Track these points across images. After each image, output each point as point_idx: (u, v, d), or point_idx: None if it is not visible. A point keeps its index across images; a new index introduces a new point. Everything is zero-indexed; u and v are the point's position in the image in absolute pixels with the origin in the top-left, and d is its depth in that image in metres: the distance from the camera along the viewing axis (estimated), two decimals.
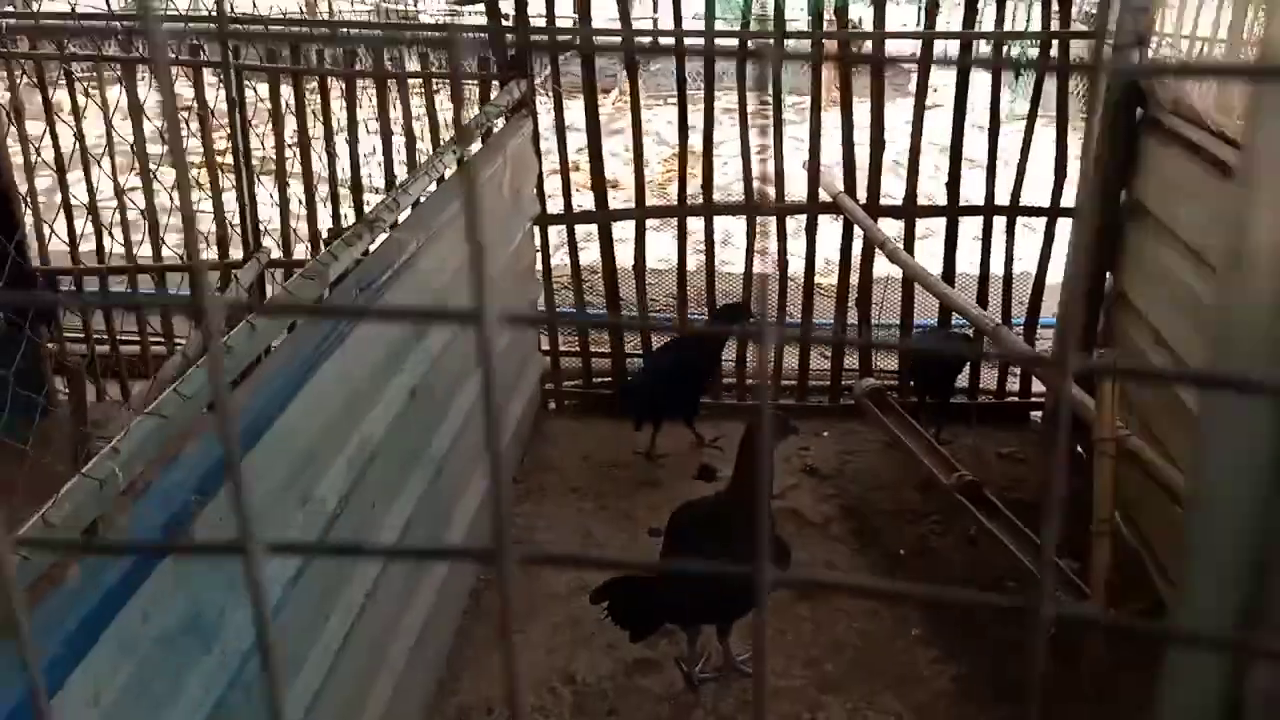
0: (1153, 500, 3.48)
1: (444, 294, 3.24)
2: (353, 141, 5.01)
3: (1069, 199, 4.43)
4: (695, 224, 4.81)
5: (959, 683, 3.31)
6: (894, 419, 4.16)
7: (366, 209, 5.14)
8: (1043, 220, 4.56)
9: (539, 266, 4.88)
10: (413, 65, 5.16)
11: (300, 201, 5.16)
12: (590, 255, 5.01)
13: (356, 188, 5.11)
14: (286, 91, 4.94)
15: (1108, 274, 4.25)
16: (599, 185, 4.76)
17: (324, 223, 5.17)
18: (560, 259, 5.05)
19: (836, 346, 4.89)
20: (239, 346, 1.86)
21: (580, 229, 4.88)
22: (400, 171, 5.04)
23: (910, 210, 4.59)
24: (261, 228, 4.92)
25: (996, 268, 4.69)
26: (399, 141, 4.94)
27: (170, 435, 1.62)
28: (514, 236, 4.42)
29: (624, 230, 4.84)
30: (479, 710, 3.22)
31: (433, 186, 3.44)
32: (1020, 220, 4.59)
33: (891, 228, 4.51)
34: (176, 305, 5.72)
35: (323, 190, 5.25)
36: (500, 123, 4.39)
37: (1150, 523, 3.63)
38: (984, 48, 4.58)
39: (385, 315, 1.72)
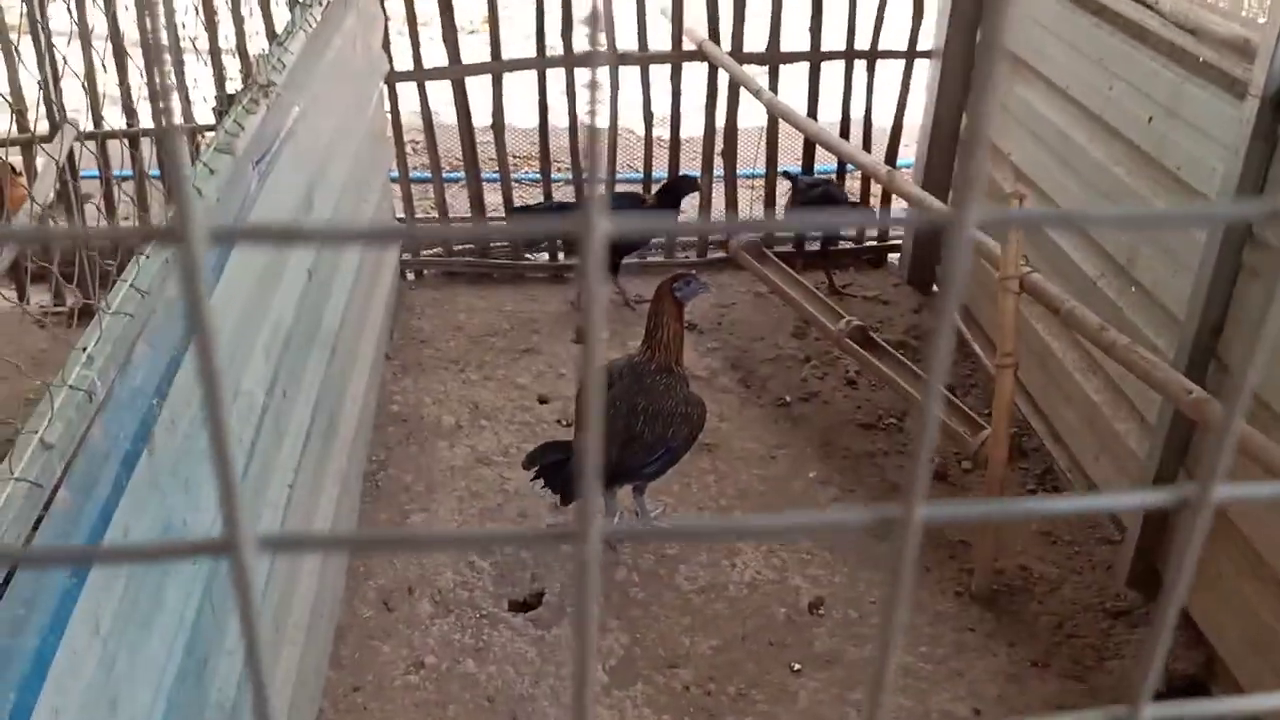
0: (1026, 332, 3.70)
1: (325, 162, 3.00)
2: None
3: (926, 42, 4.49)
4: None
5: None
6: (771, 269, 4.22)
7: (191, 71, 4.66)
8: (901, 63, 4.61)
9: (389, 128, 4.60)
10: None
11: (104, 67, 4.60)
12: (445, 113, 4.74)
13: (175, 46, 4.59)
14: None
15: (964, 114, 4.38)
16: (451, 38, 4.47)
17: (136, 87, 4.64)
18: (409, 118, 4.75)
19: (704, 201, 4.86)
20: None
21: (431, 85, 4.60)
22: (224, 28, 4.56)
23: (775, 56, 4.55)
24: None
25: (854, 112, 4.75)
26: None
27: (132, 337, 1.43)
28: (370, 98, 4.12)
29: (479, 85, 4.60)
30: (400, 592, 3.15)
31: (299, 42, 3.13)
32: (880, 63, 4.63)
33: (755, 76, 4.46)
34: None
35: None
36: None
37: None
38: None
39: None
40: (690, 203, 4.97)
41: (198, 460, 1.78)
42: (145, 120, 4.56)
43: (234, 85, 2.96)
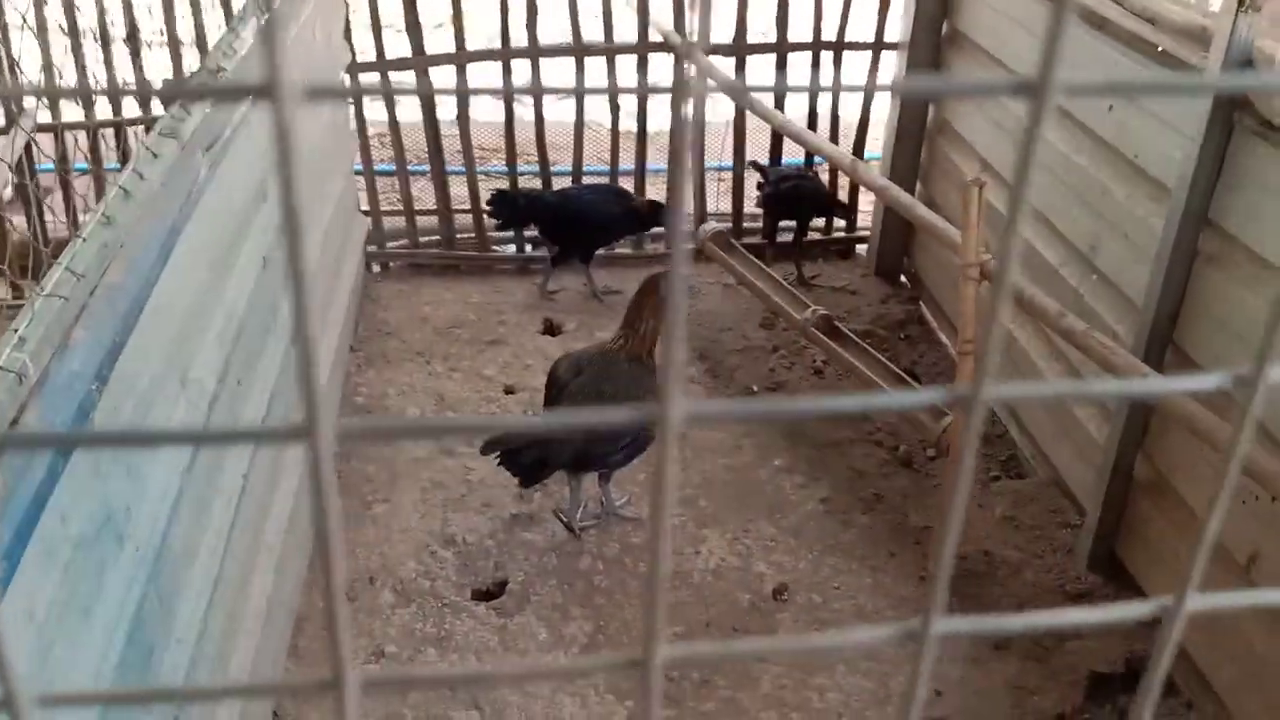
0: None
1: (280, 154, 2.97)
2: None
3: (893, 33, 4.50)
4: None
5: (825, 503, 3.49)
6: (738, 260, 4.22)
7: (145, 61, 4.61)
8: (868, 54, 4.62)
9: (352, 119, 4.56)
10: None
11: (65, 50, 4.54)
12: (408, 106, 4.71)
13: (133, 36, 4.55)
14: None
15: (929, 105, 4.40)
16: (415, 28, 4.44)
17: (98, 76, 4.59)
18: (375, 112, 4.73)
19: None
20: (118, 215, 1.62)
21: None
22: (184, 17, 4.52)
23: (741, 48, 4.55)
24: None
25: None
26: None
27: (69, 319, 1.41)
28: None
29: (443, 78, 4.58)
30: (361, 581, 3.13)
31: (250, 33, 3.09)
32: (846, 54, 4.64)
33: (722, 67, 4.46)
34: None
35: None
36: None
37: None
38: None
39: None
40: (660, 193, 4.98)
41: (143, 449, 1.76)
42: (103, 113, 4.51)
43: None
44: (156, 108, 4.28)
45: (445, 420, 0.40)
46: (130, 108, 4.64)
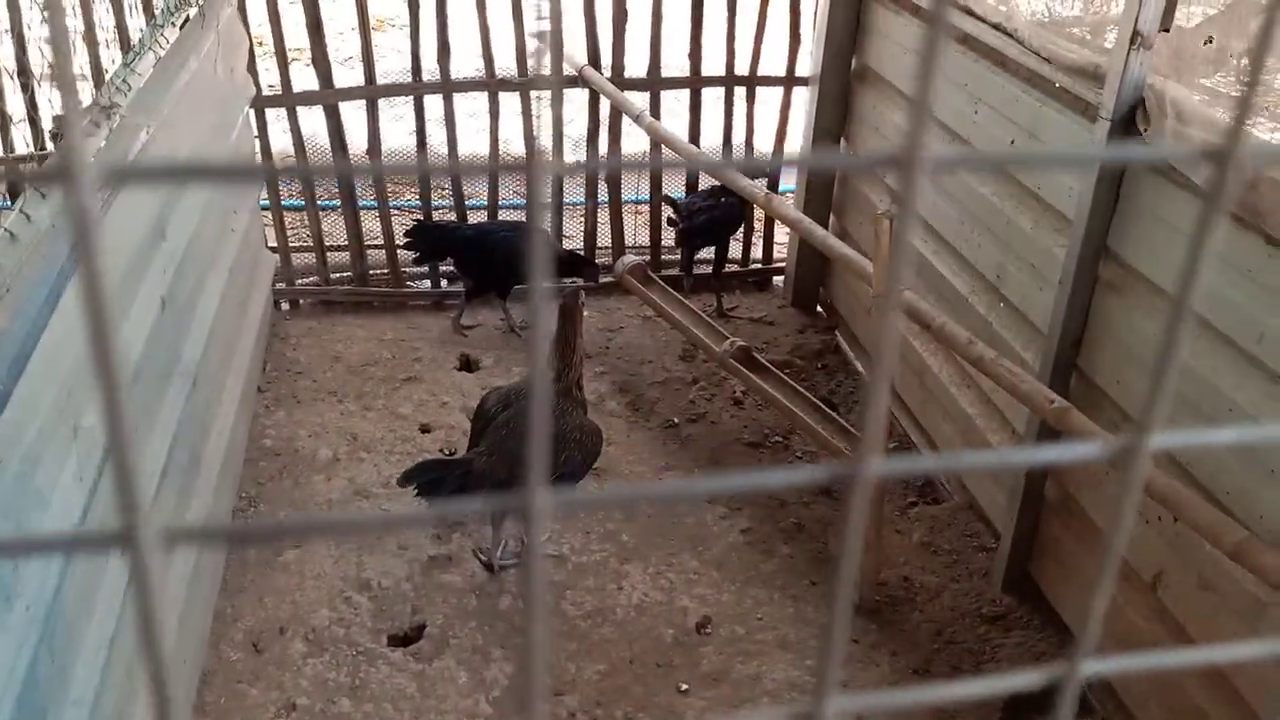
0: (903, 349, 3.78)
1: (180, 187, 2.88)
2: (14, 16, 4.27)
3: (803, 68, 4.58)
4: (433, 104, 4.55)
5: (747, 534, 3.49)
6: (657, 292, 4.22)
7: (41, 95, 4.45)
8: (779, 89, 4.69)
9: (258, 154, 4.47)
10: None
11: None
12: (319, 139, 4.63)
13: (23, 70, 4.39)
14: None
15: (841, 138, 4.48)
16: (322, 61, 4.37)
17: None
18: (283, 145, 4.63)
19: (590, 227, 4.85)
20: (2, 259, 1.54)
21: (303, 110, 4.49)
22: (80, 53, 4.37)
23: (655, 82, 4.57)
24: None
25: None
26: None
27: None
28: (234, 122, 3.99)
29: (353, 110, 4.51)
30: (270, 632, 3.02)
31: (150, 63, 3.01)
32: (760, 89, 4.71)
33: (637, 101, 4.48)
34: None
35: None
36: None
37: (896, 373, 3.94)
38: None
39: None
40: (578, 227, 4.97)
41: (32, 502, 1.67)
42: None
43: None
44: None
45: (301, 519, 0.37)
46: (20, 143, 4.46)
